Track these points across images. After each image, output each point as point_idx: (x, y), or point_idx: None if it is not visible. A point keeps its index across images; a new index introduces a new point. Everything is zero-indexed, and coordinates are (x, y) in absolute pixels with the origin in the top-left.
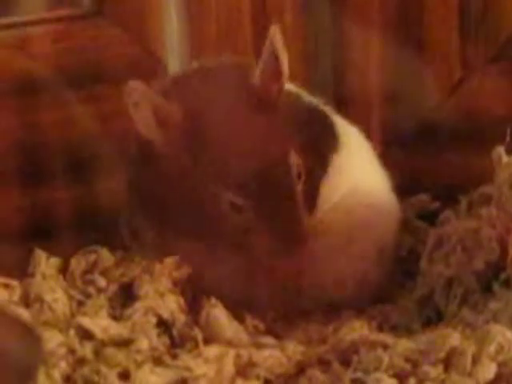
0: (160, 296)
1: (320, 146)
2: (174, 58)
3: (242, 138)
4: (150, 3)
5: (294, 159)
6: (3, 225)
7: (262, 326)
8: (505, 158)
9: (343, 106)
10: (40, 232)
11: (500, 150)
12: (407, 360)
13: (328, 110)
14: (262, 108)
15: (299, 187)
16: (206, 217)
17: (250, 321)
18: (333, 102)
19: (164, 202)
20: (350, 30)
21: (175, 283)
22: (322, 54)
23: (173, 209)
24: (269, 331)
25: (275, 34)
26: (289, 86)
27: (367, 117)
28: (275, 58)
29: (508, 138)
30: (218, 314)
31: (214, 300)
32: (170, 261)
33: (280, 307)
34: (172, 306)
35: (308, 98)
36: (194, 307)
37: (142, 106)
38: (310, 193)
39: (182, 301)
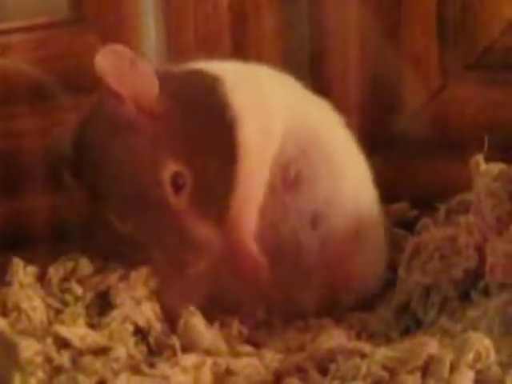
0: (136, 304)
1: (212, 146)
2: (153, 64)
3: (115, 157)
4: (128, 11)
5: (169, 170)
6: None
7: (245, 332)
8: (483, 166)
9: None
10: (18, 241)
11: (478, 157)
12: (385, 368)
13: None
14: (123, 126)
15: (181, 199)
16: None
17: (234, 327)
18: None
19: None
20: (329, 40)
21: (151, 291)
22: (300, 60)
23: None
24: (248, 339)
25: (99, 61)
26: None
27: (346, 125)
28: (108, 84)
29: (486, 146)
30: (196, 322)
31: (192, 308)
32: (145, 269)
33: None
34: (148, 313)
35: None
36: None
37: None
38: (209, 198)
39: (158, 308)
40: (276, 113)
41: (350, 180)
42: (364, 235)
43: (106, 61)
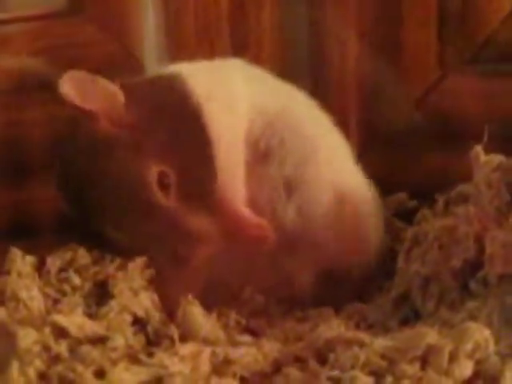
0: (134, 294)
1: (187, 139)
2: (152, 56)
3: (101, 173)
4: (127, 1)
5: (153, 171)
6: None
7: (243, 321)
8: (483, 157)
9: (319, 106)
10: (17, 231)
11: (478, 149)
12: (384, 358)
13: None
14: (103, 142)
15: (170, 196)
16: None
17: (233, 316)
18: None
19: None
20: (328, 31)
21: (149, 280)
22: (299, 52)
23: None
24: (246, 329)
25: (63, 88)
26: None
27: (345, 117)
28: (77, 106)
29: (486, 138)
30: (194, 311)
31: (190, 297)
32: (142, 259)
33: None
34: (146, 303)
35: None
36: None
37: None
38: (196, 188)
39: (156, 298)
40: (239, 93)
41: (323, 151)
42: (345, 205)
43: (70, 86)
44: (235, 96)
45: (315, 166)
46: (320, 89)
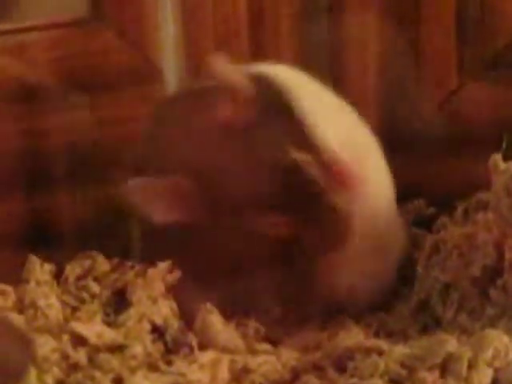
0: (153, 302)
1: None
2: (171, 65)
3: (243, 166)
4: (147, 9)
5: (297, 156)
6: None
7: (262, 330)
8: (502, 165)
9: None
10: (36, 239)
11: (497, 157)
12: (403, 366)
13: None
14: (241, 133)
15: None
16: (241, 252)
17: (252, 324)
18: None
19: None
20: (347, 38)
21: (168, 288)
22: (319, 62)
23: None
24: (265, 338)
25: (214, 62)
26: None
27: (365, 123)
28: (224, 84)
29: (504, 145)
30: (213, 319)
31: (209, 305)
32: (163, 265)
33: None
34: (165, 311)
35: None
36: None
37: (152, 196)
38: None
39: (175, 306)
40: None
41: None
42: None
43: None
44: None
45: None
46: (340, 96)
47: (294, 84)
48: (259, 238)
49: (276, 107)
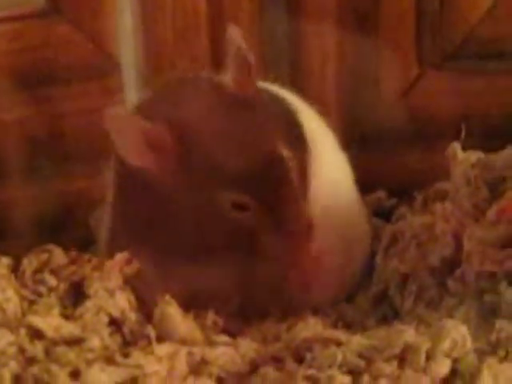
0: (110, 294)
1: (298, 141)
2: (128, 57)
3: (230, 137)
4: (104, 1)
5: (285, 152)
6: None
7: (221, 322)
8: (460, 154)
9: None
10: None
11: (456, 146)
12: (361, 356)
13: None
14: (243, 106)
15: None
16: (202, 229)
17: (209, 317)
18: None
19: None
20: (306, 30)
21: (126, 280)
22: (279, 54)
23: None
24: (224, 329)
25: (234, 32)
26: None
27: (325, 115)
28: (241, 55)
29: (464, 135)
30: (171, 311)
31: (168, 297)
32: (120, 257)
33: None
34: (123, 304)
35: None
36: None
37: (128, 132)
38: (301, 187)
39: (132, 298)
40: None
41: (325, 170)
42: (340, 223)
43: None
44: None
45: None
46: (299, 90)
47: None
48: (222, 223)
49: (277, 105)
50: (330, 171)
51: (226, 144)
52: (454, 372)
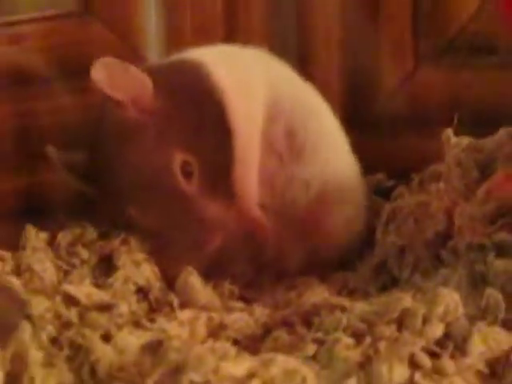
0: (136, 265)
1: (209, 128)
2: (153, 51)
3: (128, 159)
4: (132, 2)
5: (177, 159)
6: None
7: (236, 291)
8: (453, 139)
9: None
10: (32, 210)
11: (449, 131)
12: (363, 321)
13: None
14: (130, 129)
15: (192, 184)
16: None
17: (226, 286)
18: None
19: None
20: (313, 24)
21: (149, 253)
22: (287, 45)
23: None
24: (239, 297)
25: (95, 75)
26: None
27: (330, 102)
28: (107, 94)
29: (455, 122)
30: (193, 280)
31: (190, 268)
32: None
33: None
34: (148, 274)
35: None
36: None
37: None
38: (215, 177)
39: (156, 269)
40: (258, 85)
41: (330, 153)
42: (345, 202)
43: (101, 73)
44: (255, 86)
45: (332, 169)
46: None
47: (229, 78)
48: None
49: (193, 102)
50: (334, 154)
51: (125, 164)
52: (446, 335)
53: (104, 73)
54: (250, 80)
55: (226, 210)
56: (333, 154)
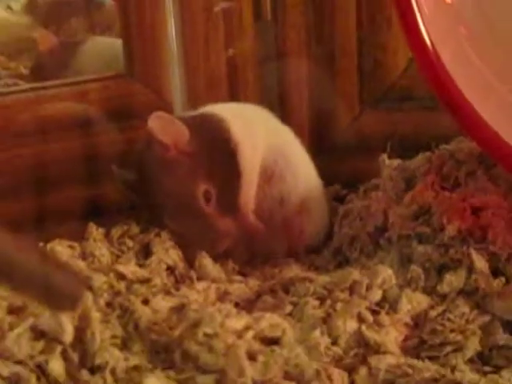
0: (166, 251)
1: (225, 167)
2: (177, 102)
3: (165, 184)
4: (162, 68)
5: (202, 188)
6: (70, 209)
7: (236, 268)
8: (387, 161)
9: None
10: (94, 213)
11: (384, 156)
12: (325, 289)
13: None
14: (170, 164)
15: (210, 206)
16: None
17: (230, 264)
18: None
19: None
20: (290, 77)
21: (176, 242)
22: (272, 99)
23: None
24: (239, 272)
25: (150, 124)
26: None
27: (299, 135)
28: (157, 138)
29: (388, 150)
30: (206, 261)
31: (203, 253)
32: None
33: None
34: (174, 257)
35: (218, 123)
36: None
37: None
38: (227, 201)
39: (180, 253)
40: (259, 136)
41: (301, 175)
42: (312, 206)
43: (155, 123)
44: (257, 136)
45: (297, 187)
46: (286, 112)
47: (240, 130)
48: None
49: (215, 147)
50: (304, 172)
51: (164, 192)
52: (383, 298)
53: (157, 123)
54: (255, 133)
55: (233, 222)
56: (302, 174)
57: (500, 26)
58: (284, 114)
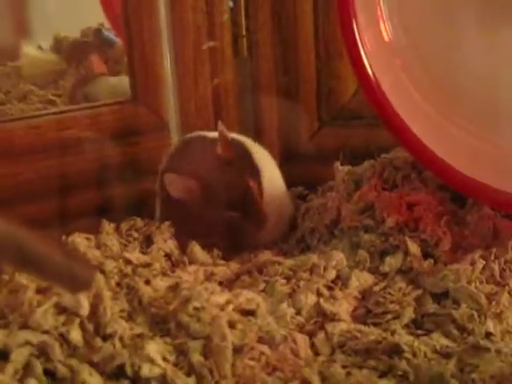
0: (164, 241)
1: (252, 171)
2: (174, 122)
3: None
4: (161, 96)
5: (252, 184)
6: (87, 209)
7: (220, 254)
8: (340, 168)
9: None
10: (105, 211)
11: (338, 163)
12: (291, 270)
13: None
14: (228, 163)
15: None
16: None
17: (215, 251)
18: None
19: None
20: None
21: (172, 234)
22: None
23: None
24: (222, 257)
25: (221, 126)
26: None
27: (269, 148)
28: (224, 141)
29: (341, 158)
30: (195, 248)
31: (193, 242)
32: (168, 224)
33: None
34: (171, 245)
35: (241, 141)
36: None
37: (175, 182)
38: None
39: (176, 243)
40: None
41: (267, 178)
42: (280, 203)
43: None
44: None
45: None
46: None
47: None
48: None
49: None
50: (272, 177)
51: (222, 185)
52: (337, 277)
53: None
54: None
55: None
56: (272, 180)
57: (428, 57)
58: (258, 131)
